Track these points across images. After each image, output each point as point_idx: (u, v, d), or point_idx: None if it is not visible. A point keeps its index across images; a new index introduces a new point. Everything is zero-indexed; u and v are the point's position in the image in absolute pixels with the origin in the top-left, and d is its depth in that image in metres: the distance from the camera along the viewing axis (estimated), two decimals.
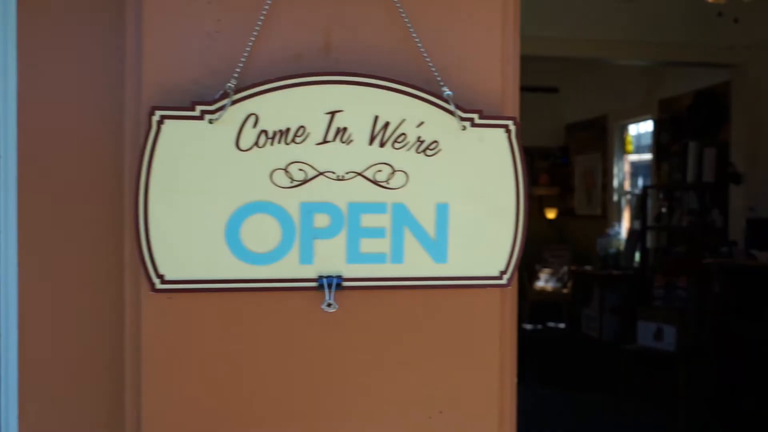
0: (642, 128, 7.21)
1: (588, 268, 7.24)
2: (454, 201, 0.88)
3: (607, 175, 7.65)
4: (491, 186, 0.90)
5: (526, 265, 8.22)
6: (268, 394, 0.87)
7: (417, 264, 0.88)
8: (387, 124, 0.86)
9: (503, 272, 0.91)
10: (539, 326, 7.68)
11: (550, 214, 8.39)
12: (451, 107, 0.87)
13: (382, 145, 0.86)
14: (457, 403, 0.91)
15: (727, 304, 4.19)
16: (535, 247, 8.40)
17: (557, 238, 8.48)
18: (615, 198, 7.56)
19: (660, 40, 5.15)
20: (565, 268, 7.74)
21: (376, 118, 0.86)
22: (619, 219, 7.53)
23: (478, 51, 0.92)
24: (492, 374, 0.93)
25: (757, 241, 3.92)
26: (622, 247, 6.96)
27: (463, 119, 0.88)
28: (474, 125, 0.88)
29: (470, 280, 0.90)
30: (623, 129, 7.48)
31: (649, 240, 6.73)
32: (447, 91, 0.87)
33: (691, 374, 4.55)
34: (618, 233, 7.22)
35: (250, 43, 0.84)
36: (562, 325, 7.66)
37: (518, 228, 0.91)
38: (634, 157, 7.48)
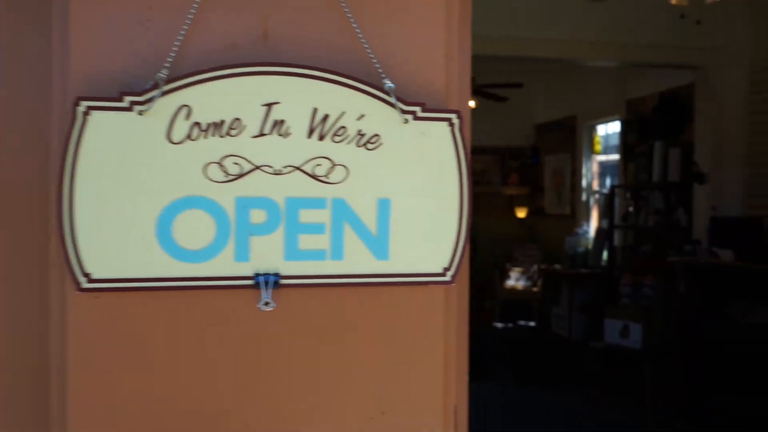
0: (610, 129, 7.29)
1: (557, 266, 7.30)
2: (396, 196, 0.86)
3: (576, 174, 7.72)
4: (434, 181, 0.87)
5: (497, 264, 8.27)
6: (201, 397, 0.83)
7: (358, 261, 0.85)
8: (326, 117, 0.83)
9: (447, 269, 0.89)
10: (510, 325, 7.72)
11: (521, 214, 8.45)
12: (393, 100, 0.84)
13: (321, 138, 0.83)
14: (400, 403, 0.88)
15: (691, 302, 4.24)
16: (506, 246, 8.45)
17: (527, 237, 8.54)
18: (584, 197, 7.64)
19: (627, 41, 5.21)
20: (535, 267, 7.79)
21: (315, 110, 0.83)
22: (587, 218, 7.61)
23: (421, 44, 0.89)
24: (436, 374, 0.91)
25: (719, 239, 3.97)
26: (590, 246, 7.03)
27: (404, 112, 0.85)
28: (416, 118, 0.86)
29: (413, 277, 0.87)
30: (592, 129, 7.56)
31: (617, 239, 6.81)
32: (388, 84, 0.85)
33: (657, 371, 4.61)
34: (586, 232, 7.29)
35: (183, 32, 0.81)
36: (532, 324, 7.71)
37: (462, 224, 0.89)
38: (602, 157, 7.56)
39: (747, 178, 5.32)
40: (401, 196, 0.86)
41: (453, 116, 0.88)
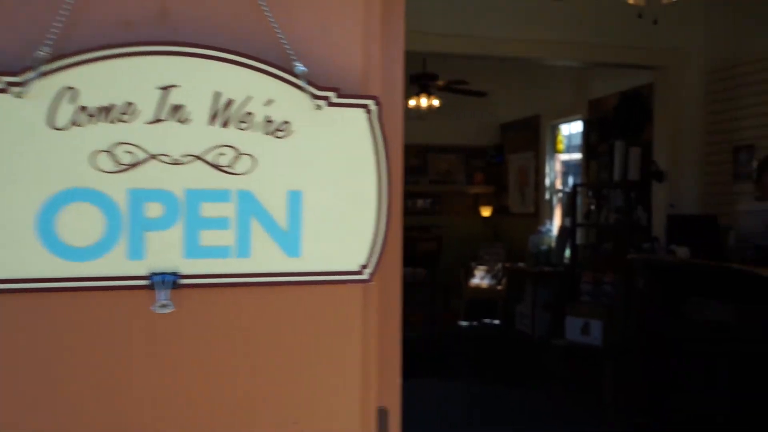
0: (573, 128, 7.33)
1: (521, 265, 7.31)
2: (309, 188, 0.79)
3: (540, 173, 7.75)
4: (350, 172, 0.81)
5: (462, 263, 8.25)
6: (93, 410, 0.75)
7: (266, 258, 0.78)
8: (230, 102, 0.76)
9: (364, 266, 0.83)
10: (475, 323, 7.71)
11: (486, 213, 8.45)
12: (303, 84, 0.78)
13: (224, 125, 0.76)
14: (314, 412, 0.82)
15: (650, 299, 4.26)
16: (471, 245, 8.45)
17: (492, 236, 8.55)
18: (547, 196, 7.67)
19: (587, 42, 5.23)
20: (499, 266, 7.80)
21: (218, 94, 0.76)
22: (551, 217, 7.64)
23: (337, 26, 0.83)
24: (352, 379, 0.84)
25: (677, 236, 4.00)
26: (553, 244, 7.05)
27: (317, 98, 0.78)
28: (330, 104, 0.79)
29: (327, 276, 0.81)
30: (555, 129, 7.59)
31: (579, 237, 6.85)
32: (300, 67, 0.78)
33: (617, 368, 4.62)
34: (549, 231, 7.32)
35: (68, 6, 0.73)
36: (497, 322, 7.72)
37: (380, 218, 0.83)
38: (565, 157, 7.60)
39: (703, 176, 5.39)
40: (314, 188, 0.80)
41: (370, 102, 0.82)
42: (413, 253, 7.94)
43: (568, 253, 6.75)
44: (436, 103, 6.71)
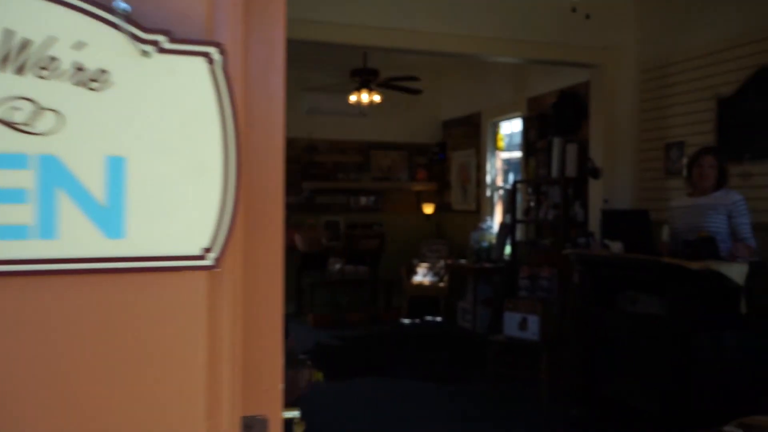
0: (513, 125, 7.33)
1: (463, 261, 7.26)
2: (134, 153, 0.64)
3: (481, 170, 7.73)
4: (187, 134, 0.66)
5: (405, 260, 8.16)
6: None
7: (79, 240, 0.62)
8: (27, 43, 0.60)
9: (207, 250, 0.68)
10: (417, 321, 7.64)
11: (428, 210, 8.39)
12: (123, 23, 0.62)
13: (19, 71, 0.60)
14: (151, 420, 0.67)
15: (584, 293, 4.24)
16: (414, 242, 8.37)
17: (435, 232, 8.49)
18: (488, 193, 7.65)
19: (526, 39, 5.19)
20: (441, 263, 7.74)
21: (9, 33, 0.60)
22: (491, 213, 7.62)
23: None
24: (196, 382, 0.69)
25: (611, 231, 3.98)
26: (494, 240, 7.03)
27: (142, 41, 0.63)
28: (162, 51, 0.64)
29: (159, 261, 0.65)
30: (495, 126, 7.58)
31: (519, 233, 6.85)
32: (121, 4, 0.63)
33: (553, 362, 4.59)
34: (490, 227, 7.30)
35: None
36: (439, 319, 7.66)
37: (227, 192, 0.68)
38: (506, 154, 7.60)
39: (637, 172, 5.43)
40: (141, 153, 0.64)
41: (212, 50, 0.67)
42: (356, 251, 7.81)
43: (508, 249, 6.74)
44: (377, 99, 6.59)
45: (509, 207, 6.73)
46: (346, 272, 7.63)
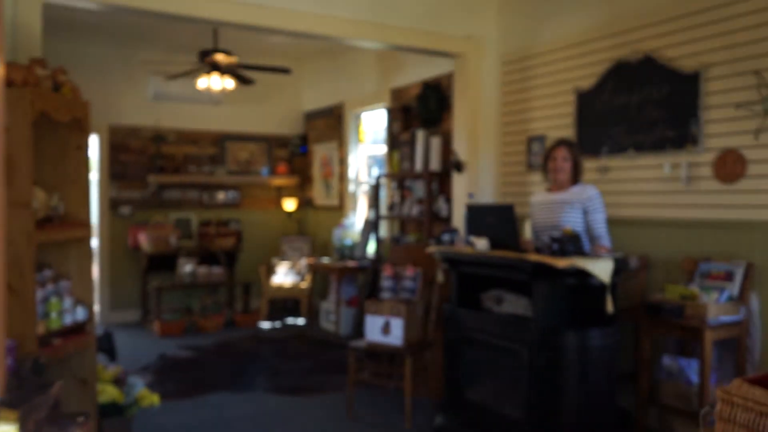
0: (377, 117, 6.99)
1: (325, 260, 6.84)
2: None
3: (344, 164, 7.34)
4: None
5: (265, 259, 7.60)
6: None
7: None
8: None
9: None
10: (278, 324, 7.10)
11: (289, 205, 7.87)
12: None
13: None
14: None
15: (450, 294, 3.96)
16: (274, 240, 7.83)
17: (297, 230, 8.00)
18: (352, 188, 7.28)
19: (388, 23, 4.83)
20: (303, 261, 7.26)
21: None
22: (355, 209, 7.26)
23: None
24: None
25: (476, 227, 3.71)
26: (358, 238, 6.67)
27: None
28: None
29: None
30: (358, 118, 7.22)
31: (384, 229, 6.54)
32: None
33: (417, 368, 4.28)
34: (353, 224, 6.93)
35: None
36: (301, 322, 7.18)
37: None
38: (370, 147, 7.26)
39: (501, 166, 5.28)
40: None
41: None
42: (210, 251, 7.12)
43: (372, 246, 6.41)
44: (229, 85, 5.96)
45: (373, 202, 6.39)
46: (199, 274, 6.92)
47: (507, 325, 3.52)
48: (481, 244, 3.61)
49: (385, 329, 4.17)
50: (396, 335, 4.13)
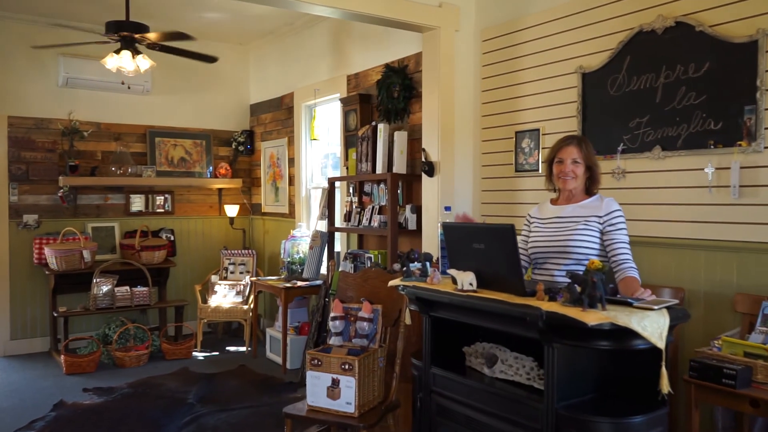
0: (331, 109, 5.78)
1: (272, 279, 5.62)
2: None
3: (295, 165, 6.12)
4: None
5: (201, 276, 6.34)
6: None
7: None
8: None
9: None
10: (215, 353, 5.84)
11: (232, 212, 6.60)
12: None
13: None
14: None
15: (422, 346, 2.80)
16: (214, 253, 6.57)
17: (240, 241, 6.74)
18: (303, 193, 6.06)
19: None
20: (247, 279, 6.02)
21: None
22: (308, 218, 6.05)
23: None
24: None
25: (458, 255, 2.56)
26: (307, 253, 5.46)
27: None
28: None
29: None
30: (311, 110, 5.99)
31: (339, 243, 5.35)
32: None
33: None
34: (306, 235, 5.72)
35: None
36: (243, 349, 5.93)
37: None
38: (324, 144, 6.04)
39: (480, 169, 4.15)
40: None
41: None
42: (134, 267, 5.82)
43: (324, 263, 5.22)
44: (144, 64, 4.67)
45: (326, 211, 5.20)
46: (119, 296, 5.62)
47: (504, 400, 2.37)
48: (466, 279, 2.44)
49: (332, 391, 2.98)
50: (346, 399, 2.95)
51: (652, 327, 2.01)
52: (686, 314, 2.14)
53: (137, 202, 6.32)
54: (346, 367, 2.95)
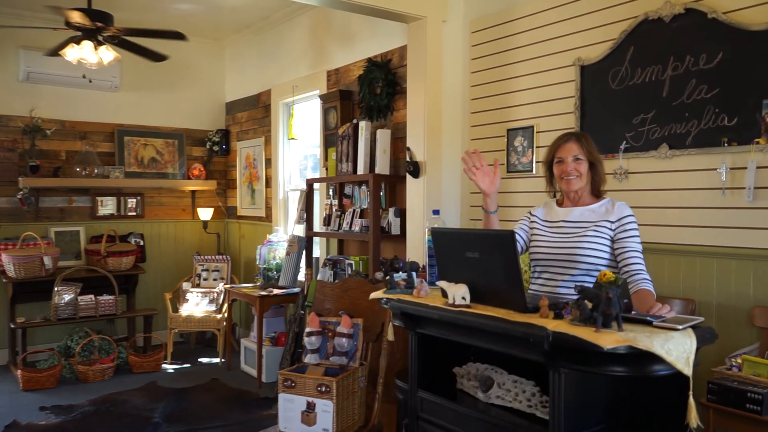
0: (311, 107, 5.46)
1: (247, 286, 5.27)
2: None
3: (273, 166, 5.79)
4: None
5: (173, 283, 5.98)
6: None
7: None
8: None
9: None
10: (187, 366, 5.47)
11: (206, 216, 6.24)
12: None
13: None
14: None
15: (408, 366, 2.49)
16: (186, 259, 6.20)
17: (215, 246, 6.38)
18: (281, 195, 5.72)
19: None
20: (221, 287, 5.67)
21: None
22: (285, 221, 5.71)
23: None
24: None
25: (446, 265, 2.26)
26: (284, 259, 5.13)
27: None
28: None
29: None
30: (289, 108, 5.66)
31: (318, 248, 5.02)
32: None
33: None
34: (282, 240, 5.38)
35: None
36: (218, 361, 5.57)
37: None
38: (303, 144, 5.71)
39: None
40: None
41: None
42: (100, 274, 5.43)
43: (302, 269, 4.90)
44: (108, 56, 4.31)
45: (304, 214, 4.87)
46: (82, 305, 5.23)
47: (501, 430, 2.06)
48: (458, 292, 2.13)
49: (307, 416, 2.65)
50: (323, 425, 2.63)
51: (678, 350, 1.72)
52: (714, 334, 1.85)
53: (106, 205, 5.93)
54: (323, 389, 2.63)
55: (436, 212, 2.60)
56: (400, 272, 2.55)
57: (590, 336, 1.71)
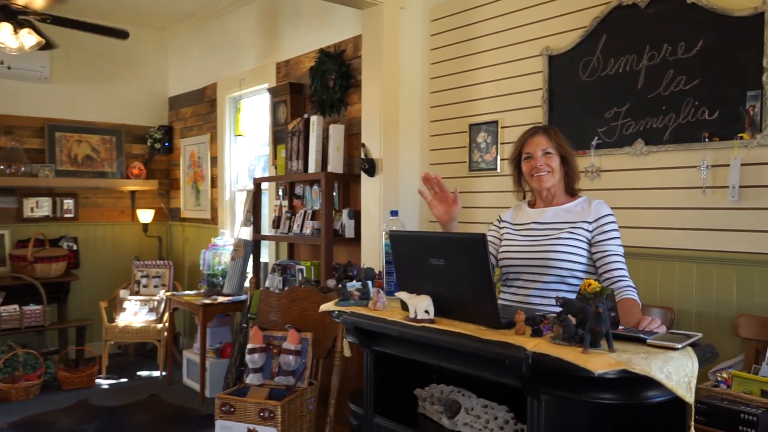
0: (259, 101, 5.09)
1: (189, 294, 4.86)
2: None
3: (218, 164, 5.39)
4: None
5: (108, 291, 5.50)
6: None
7: None
8: None
9: None
10: (124, 380, 5.01)
11: (146, 218, 5.78)
12: None
13: None
14: None
15: (363, 387, 2.18)
16: (124, 265, 5.73)
17: (156, 251, 5.92)
18: (227, 195, 5.33)
19: None
20: (161, 295, 5.23)
21: None
22: (232, 224, 5.32)
23: None
24: None
25: (406, 272, 1.96)
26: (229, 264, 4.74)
27: None
28: None
29: None
30: (236, 103, 5.28)
31: (267, 253, 4.66)
32: None
33: None
34: (227, 245, 4.99)
35: None
36: (158, 375, 5.13)
37: None
38: (251, 141, 5.33)
39: (429, 167, 3.57)
40: None
41: None
42: (28, 281, 4.92)
43: (249, 276, 4.53)
44: (30, 41, 3.84)
45: (251, 216, 4.50)
46: (6, 315, 4.72)
47: None
48: (420, 306, 1.83)
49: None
50: None
51: (678, 375, 1.46)
52: (714, 353, 1.60)
53: (41, 207, 5.41)
54: (266, 414, 2.29)
55: (394, 213, 2.29)
56: (354, 281, 2.24)
57: (578, 359, 1.44)
